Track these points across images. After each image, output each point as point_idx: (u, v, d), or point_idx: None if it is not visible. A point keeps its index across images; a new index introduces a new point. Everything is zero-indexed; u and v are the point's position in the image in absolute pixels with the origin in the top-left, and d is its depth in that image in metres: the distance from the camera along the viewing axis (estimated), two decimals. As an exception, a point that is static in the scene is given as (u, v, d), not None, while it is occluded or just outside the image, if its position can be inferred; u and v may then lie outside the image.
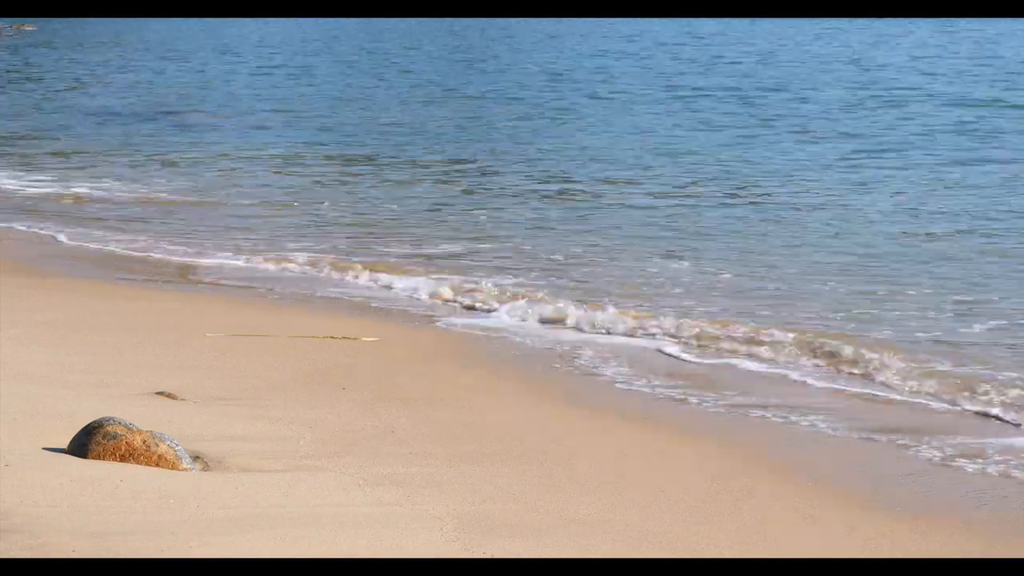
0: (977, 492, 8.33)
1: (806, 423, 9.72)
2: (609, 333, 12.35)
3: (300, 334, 11.65)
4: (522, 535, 6.80)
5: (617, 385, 10.65)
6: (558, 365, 11.24)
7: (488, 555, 6.45)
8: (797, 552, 6.95)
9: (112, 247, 16.33)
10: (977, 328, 12.29)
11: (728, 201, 19.20)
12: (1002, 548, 7.35)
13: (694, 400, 10.25)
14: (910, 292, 13.69)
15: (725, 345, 12.00)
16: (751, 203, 18.97)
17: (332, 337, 11.59)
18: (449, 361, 11.08)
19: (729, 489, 7.98)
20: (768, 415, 9.89)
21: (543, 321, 12.74)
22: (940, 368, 11.06)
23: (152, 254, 15.96)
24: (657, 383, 10.71)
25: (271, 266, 15.35)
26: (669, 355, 11.69)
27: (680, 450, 8.83)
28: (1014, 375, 10.76)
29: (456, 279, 14.24)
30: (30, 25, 61.99)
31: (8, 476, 6.93)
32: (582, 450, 8.61)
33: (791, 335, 12.09)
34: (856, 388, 10.77)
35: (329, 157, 23.96)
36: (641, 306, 13.09)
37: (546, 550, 6.61)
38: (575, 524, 7.06)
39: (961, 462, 8.87)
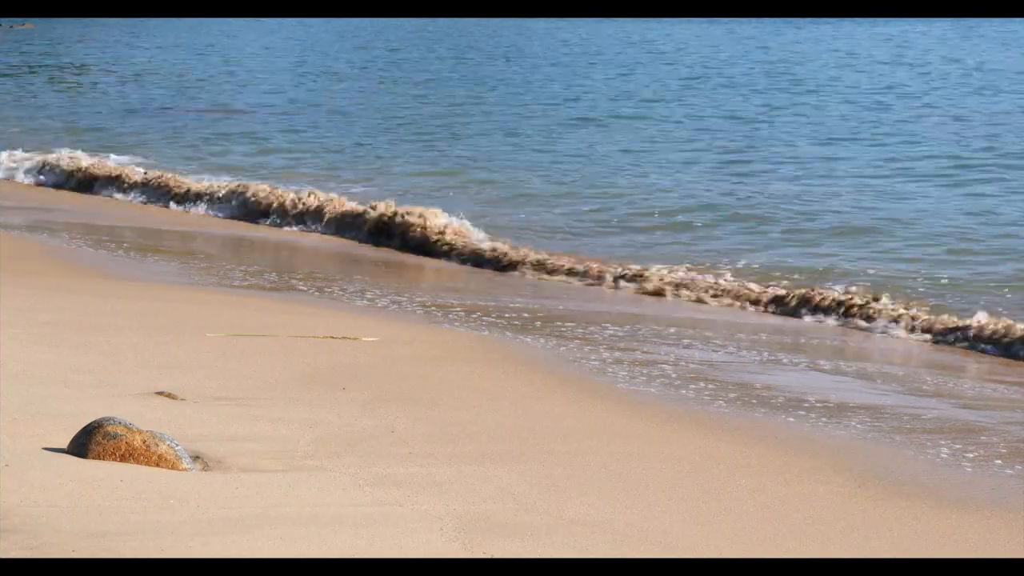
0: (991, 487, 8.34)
1: (810, 421, 9.72)
2: None
3: (300, 334, 11.64)
4: (522, 535, 6.79)
5: (619, 385, 10.65)
6: (559, 364, 11.24)
7: (488, 555, 6.45)
8: (798, 552, 6.95)
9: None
10: None
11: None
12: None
13: (696, 398, 10.25)
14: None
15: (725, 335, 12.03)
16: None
17: (332, 337, 11.59)
18: (449, 361, 11.07)
19: (731, 488, 7.98)
20: (771, 413, 9.89)
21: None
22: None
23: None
24: (658, 382, 10.71)
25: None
26: (671, 352, 11.69)
27: (682, 449, 8.82)
28: None
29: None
30: (30, 24, 61.98)
31: (8, 476, 6.92)
32: (582, 450, 8.60)
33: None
34: (864, 389, 10.78)
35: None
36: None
37: (546, 550, 6.61)
38: (575, 524, 7.06)
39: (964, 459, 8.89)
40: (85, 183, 22.70)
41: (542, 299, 14.63)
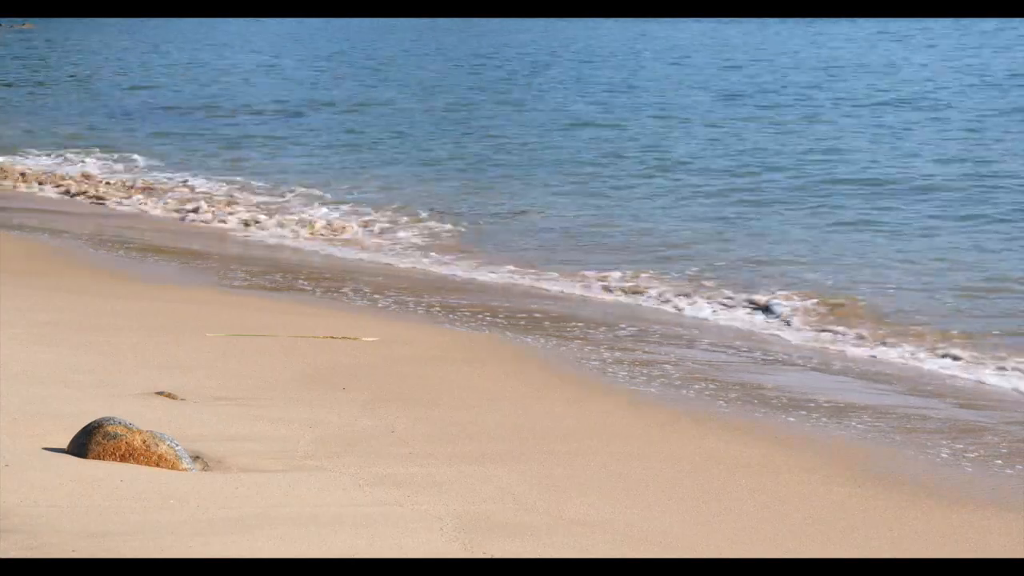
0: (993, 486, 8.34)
1: (811, 421, 9.71)
2: None
3: (300, 334, 11.64)
4: (522, 535, 6.79)
5: (618, 385, 10.64)
6: (559, 364, 11.24)
7: (488, 555, 6.45)
8: (798, 552, 6.94)
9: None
10: None
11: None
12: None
13: (696, 398, 10.25)
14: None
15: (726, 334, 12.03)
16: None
17: (332, 337, 11.59)
18: (449, 361, 11.07)
19: (731, 488, 7.98)
20: (771, 413, 9.89)
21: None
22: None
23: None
24: (659, 382, 10.70)
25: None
26: (671, 352, 11.69)
27: (682, 449, 8.82)
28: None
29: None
30: (30, 24, 61.98)
31: (8, 476, 6.92)
32: (582, 450, 8.60)
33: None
34: (864, 390, 10.77)
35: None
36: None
37: (546, 550, 6.61)
38: (575, 524, 7.06)
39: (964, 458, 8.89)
40: None
41: (539, 299, 14.65)
